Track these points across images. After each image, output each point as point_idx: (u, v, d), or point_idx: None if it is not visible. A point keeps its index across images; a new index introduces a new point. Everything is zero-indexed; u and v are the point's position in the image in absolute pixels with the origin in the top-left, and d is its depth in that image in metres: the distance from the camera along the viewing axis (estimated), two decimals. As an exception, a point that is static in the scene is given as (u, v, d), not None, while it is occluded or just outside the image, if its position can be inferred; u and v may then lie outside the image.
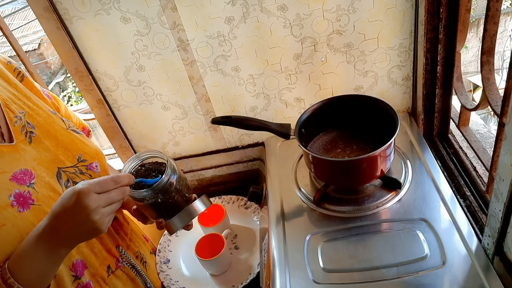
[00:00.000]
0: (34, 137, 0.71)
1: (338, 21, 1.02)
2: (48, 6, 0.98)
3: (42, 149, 0.71)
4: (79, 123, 0.97)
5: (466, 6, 0.87)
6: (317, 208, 0.92)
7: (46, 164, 0.71)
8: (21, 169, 0.66)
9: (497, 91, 0.81)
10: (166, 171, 0.74)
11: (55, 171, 0.72)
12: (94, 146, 0.84)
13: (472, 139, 0.97)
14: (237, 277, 1.06)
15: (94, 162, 0.81)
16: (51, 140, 0.74)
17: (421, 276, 0.72)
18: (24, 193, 0.65)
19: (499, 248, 0.69)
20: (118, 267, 0.85)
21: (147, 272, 0.97)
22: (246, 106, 1.20)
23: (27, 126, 0.71)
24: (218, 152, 1.31)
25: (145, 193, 0.72)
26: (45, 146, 0.72)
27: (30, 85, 0.82)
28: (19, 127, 0.69)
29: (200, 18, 1.02)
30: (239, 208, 1.28)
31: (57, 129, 0.77)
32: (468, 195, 0.91)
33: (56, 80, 7.62)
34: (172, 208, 0.78)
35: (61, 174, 0.73)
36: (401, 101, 1.18)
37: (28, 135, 0.70)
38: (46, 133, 0.74)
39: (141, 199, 0.73)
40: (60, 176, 0.72)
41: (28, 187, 0.66)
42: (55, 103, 0.89)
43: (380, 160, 0.86)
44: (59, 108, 0.90)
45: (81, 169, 0.78)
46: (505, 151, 0.60)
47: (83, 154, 0.79)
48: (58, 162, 0.73)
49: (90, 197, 0.59)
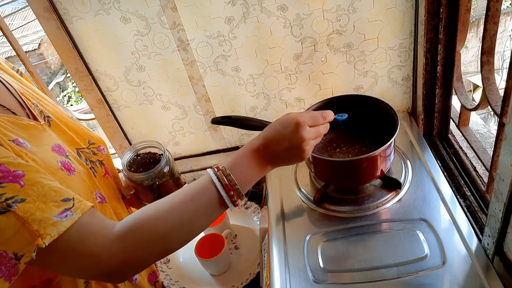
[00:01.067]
0: (52, 121, 0.74)
1: (338, 21, 1.02)
2: (48, 6, 0.98)
3: (60, 131, 0.75)
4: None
5: (466, 6, 0.87)
6: (317, 208, 0.92)
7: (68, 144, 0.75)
8: (55, 144, 0.69)
9: (497, 91, 0.82)
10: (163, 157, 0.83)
11: (75, 151, 0.75)
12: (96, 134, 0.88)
13: (472, 139, 0.97)
14: (237, 277, 1.06)
15: (101, 145, 0.84)
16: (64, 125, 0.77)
17: (421, 276, 0.72)
18: (66, 162, 0.68)
19: (499, 248, 0.69)
20: None
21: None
22: (246, 106, 1.20)
23: (44, 111, 0.74)
24: (218, 152, 1.31)
25: (143, 176, 0.81)
26: (62, 129, 0.75)
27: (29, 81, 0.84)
28: (38, 112, 0.72)
29: (200, 18, 1.02)
30: (239, 208, 1.28)
31: (65, 117, 0.80)
32: (468, 195, 0.91)
33: (56, 80, 7.61)
34: (166, 191, 0.85)
35: (80, 154, 0.76)
36: (401, 101, 1.18)
37: (46, 119, 0.73)
38: (59, 119, 0.77)
39: (140, 181, 0.82)
40: (80, 156, 0.75)
41: (66, 157, 0.69)
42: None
43: (380, 160, 0.86)
44: None
45: (93, 150, 0.81)
46: (505, 151, 0.60)
47: (91, 138, 0.82)
48: (75, 144, 0.76)
49: (305, 128, 0.68)
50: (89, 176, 0.73)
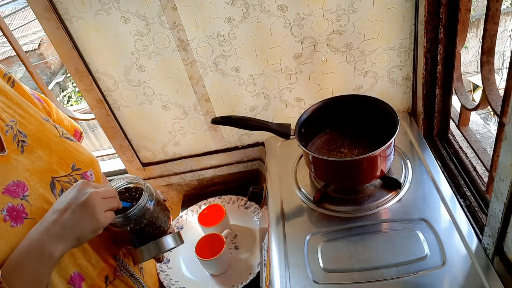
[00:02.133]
0: (26, 146, 0.69)
1: (338, 21, 1.02)
2: (48, 6, 0.98)
3: (34, 158, 0.70)
4: (71, 126, 0.95)
5: (466, 6, 0.87)
6: (317, 208, 0.92)
7: (39, 174, 0.70)
8: (13, 180, 0.64)
9: (497, 91, 0.82)
10: (142, 197, 0.74)
11: (49, 181, 0.71)
12: (88, 154, 0.82)
13: (472, 139, 0.97)
14: (237, 277, 1.06)
15: (88, 170, 0.79)
16: (44, 148, 0.72)
17: (421, 276, 0.72)
18: (18, 206, 0.63)
19: (499, 248, 0.69)
20: (116, 276, 0.83)
21: (144, 278, 0.95)
22: (246, 106, 1.20)
23: (18, 135, 0.69)
24: (218, 152, 1.31)
25: (116, 219, 0.72)
26: (38, 155, 0.70)
27: (21, 91, 0.79)
28: (11, 136, 0.67)
29: (200, 18, 1.02)
30: (239, 208, 1.29)
31: (50, 137, 0.75)
32: (468, 195, 0.91)
33: (56, 80, 7.62)
34: (143, 237, 0.77)
35: (55, 184, 0.71)
36: (401, 101, 1.18)
37: (20, 144, 0.68)
38: (39, 141, 0.72)
39: (113, 223, 0.73)
40: (54, 186, 0.71)
41: (21, 199, 0.64)
42: (46, 107, 0.86)
43: (380, 160, 0.86)
44: (50, 111, 0.87)
45: (76, 177, 0.76)
46: (505, 151, 0.60)
47: (77, 162, 0.77)
48: (51, 172, 0.72)
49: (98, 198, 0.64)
50: None
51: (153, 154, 1.32)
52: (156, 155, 1.33)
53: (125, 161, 1.32)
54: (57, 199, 0.65)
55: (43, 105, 0.85)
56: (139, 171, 1.35)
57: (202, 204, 1.31)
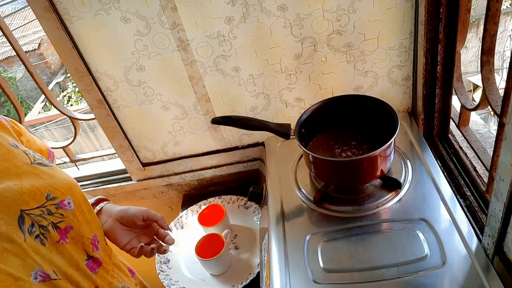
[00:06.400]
0: None
1: (338, 21, 1.02)
2: (48, 6, 0.98)
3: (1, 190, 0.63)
4: (42, 145, 0.89)
5: (466, 6, 0.87)
6: (317, 208, 0.92)
7: (6, 209, 0.62)
8: None
9: (497, 91, 0.82)
10: None
11: (17, 215, 0.63)
12: (65, 178, 0.74)
13: (472, 139, 0.97)
14: (237, 277, 1.06)
15: (66, 198, 0.71)
16: (12, 179, 0.65)
17: (421, 276, 0.72)
18: None
19: (499, 248, 0.69)
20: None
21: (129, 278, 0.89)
22: (246, 106, 1.20)
23: None
24: (218, 152, 1.31)
25: None
26: (5, 187, 0.63)
27: None
28: None
29: (200, 18, 1.02)
30: (239, 208, 1.29)
31: (19, 166, 0.67)
32: (468, 195, 0.91)
33: (56, 80, 7.62)
34: None
35: (24, 218, 0.64)
36: (401, 101, 1.18)
37: None
38: (6, 171, 0.65)
39: None
40: (22, 221, 0.64)
41: None
42: (15, 127, 0.80)
43: (380, 160, 0.86)
44: (20, 132, 0.81)
45: (50, 209, 0.68)
46: (505, 151, 0.60)
47: (52, 190, 0.69)
48: (21, 204, 0.64)
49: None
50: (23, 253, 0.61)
51: (153, 154, 1.32)
52: (156, 155, 1.33)
53: (125, 161, 1.32)
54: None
55: (12, 125, 0.79)
56: (139, 171, 1.35)
57: (202, 204, 1.31)
